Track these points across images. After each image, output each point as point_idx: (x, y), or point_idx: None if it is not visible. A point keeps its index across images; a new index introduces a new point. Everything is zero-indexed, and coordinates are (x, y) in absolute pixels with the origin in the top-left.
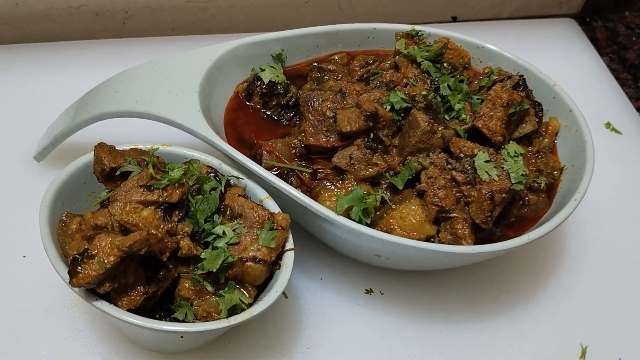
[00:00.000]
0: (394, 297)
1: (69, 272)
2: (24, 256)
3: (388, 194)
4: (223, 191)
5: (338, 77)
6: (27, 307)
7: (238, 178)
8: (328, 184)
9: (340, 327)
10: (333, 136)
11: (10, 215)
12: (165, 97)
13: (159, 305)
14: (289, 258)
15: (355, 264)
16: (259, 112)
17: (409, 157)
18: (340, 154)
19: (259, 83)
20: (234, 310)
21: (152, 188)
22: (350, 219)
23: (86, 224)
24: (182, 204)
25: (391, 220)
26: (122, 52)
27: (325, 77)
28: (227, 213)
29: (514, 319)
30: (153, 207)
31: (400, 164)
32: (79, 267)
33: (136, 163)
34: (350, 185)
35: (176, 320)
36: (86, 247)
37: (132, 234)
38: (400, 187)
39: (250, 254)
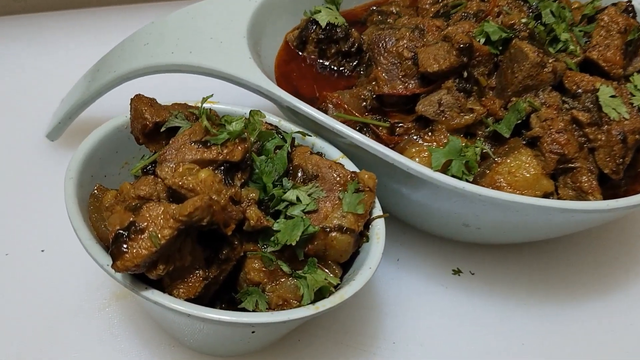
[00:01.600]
0: (487, 276)
1: (111, 253)
2: (42, 250)
3: (488, 145)
4: (290, 150)
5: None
6: (51, 310)
7: (304, 135)
8: (415, 138)
9: (429, 315)
10: (413, 81)
11: (24, 205)
12: (207, 45)
13: (218, 295)
14: (379, 227)
15: (436, 241)
16: (314, 64)
17: (513, 99)
18: (425, 101)
19: (314, 28)
20: (319, 295)
21: (208, 144)
22: (452, 176)
23: (125, 197)
24: (245, 165)
25: (497, 177)
26: (137, 16)
27: (389, 20)
28: (299, 175)
29: (630, 293)
30: (211, 168)
31: (502, 108)
32: (125, 246)
33: (184, 117)
34: (442, 136)
35: (243, 311)
36: (132, 219)
37: (191, 199)
38: (507, 135)
39: (335, 222)
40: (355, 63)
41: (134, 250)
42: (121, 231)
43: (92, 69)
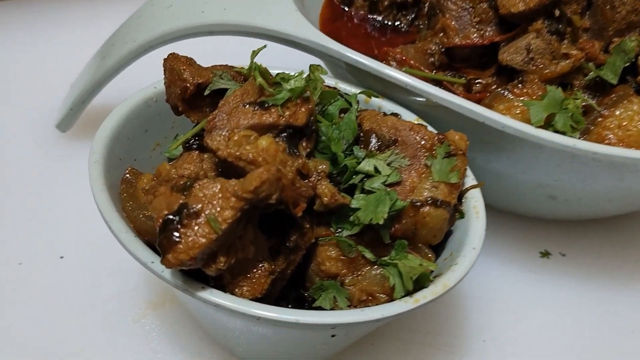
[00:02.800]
0: (580, 257)
1: (160, 244)
2: (61, 257)
3: (589, 96)
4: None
5: None
6: (75, 326)
7: (369, 96)
8: (502, 92)
9: (519, 306)
10: (490, 28)
11: (36, 208)
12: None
13: (283, 294)
14: (476, 199)
15: (515, 220)
16: (365, 20)
17: (615, 39)
18: (510, 49)
19: None
20: (412, 285)
21: (266, 105)
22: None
23: (164, 178)
24: (310, 131)
25: (605, 133)
26: None
27: None
28: (373, 142)
29: None
30: (272, 135)
31: (602, 52)
32: (177, 234)
33: (230, 78)
34: (536, 88)
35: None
36: (183, 201)
37: (256, 171)
38: (615, 81)
39: (425, 194)
40: (412, 16)
41: (190, 239)
42: (171, 216)
43: (105, 45)
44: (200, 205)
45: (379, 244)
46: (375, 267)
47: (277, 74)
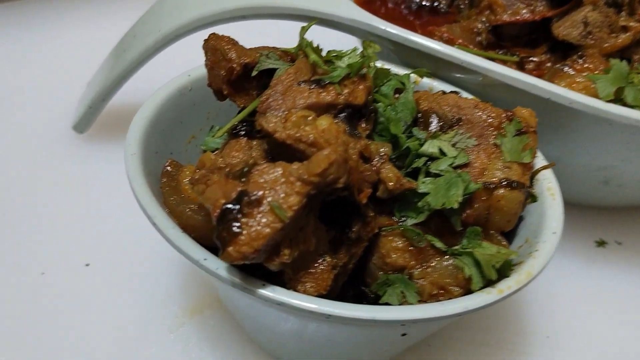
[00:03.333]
0: (635, 245)
1: (219, 237)
2: (87, 264)
3: None
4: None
5: None
6: (106, 337)
7: (421, 76)
8: (562, 68)
9: (579, 297)
10: (540, 3)
11: (57, 214)
12: None
13: (342, 290)
14: (549, 181)
15: (568, 210)
16: (399, 4)
17: None
18: (565, 23)
19: None
20: (485, 278)
21: (322, 83)
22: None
23: (211, 169)
24: (369, 111)
25: None
26: None
27: None
28: (433, 123)
29: None
30: (330, 115)
31: None
32: (237, 225)
33: (277, 57)
34: (598, 62)
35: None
36: (241, 189)
37: (321, 153)
38: None
39: (498, 175)
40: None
41: (252, 230)
42: (229, 205)
43: (124, 38)
44: (261, 192)
45: (446, 232)
46: (446, 257)
47: (328, 52)
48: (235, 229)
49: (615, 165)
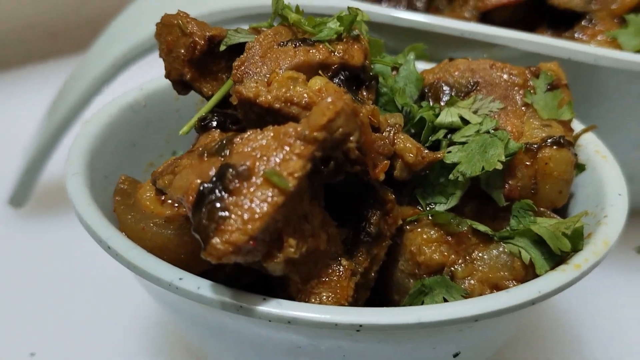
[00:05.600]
0: None
1: (198, 228)
2: (32, 354)
3: None
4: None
5: None
6: None
7: (420, 52)
8: (574, 35)
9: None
10: None
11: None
12: None
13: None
14: (595, 143)
15: None
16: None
17: None
18: None
19: None
20: (552, 258)
21: (309, 42)
22: None
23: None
24: (369, 77)
25: None
26: None
27: None
28: (444, 94)
29: None
30: (325, 77)
31: None
32: (221, 207)
33: (248, 32)
34: (610, 24)
35: None
36: (224, 162)
37: (324, 101)
38: None
39: (539, 134)
40: None
41: (245, 209)
42: (207, 185)
43: (56, 95)
44: (250, 162)
45: (487, 218)
46: (495, 244)
47: (308, 18)
48: (220, 212)
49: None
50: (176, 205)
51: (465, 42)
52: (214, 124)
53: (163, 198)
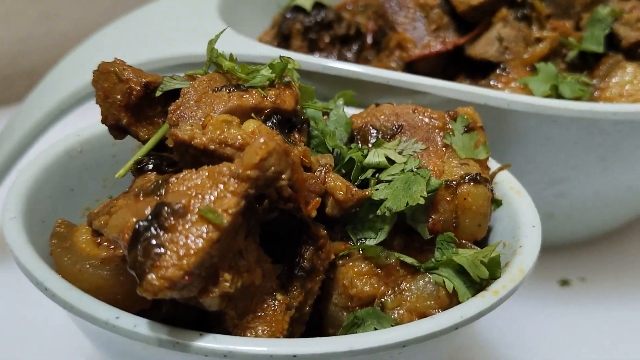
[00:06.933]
0: (599, 280)
1: (135, 264)
2: None
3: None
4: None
5: None
6: None
7: (348, 97)
8: (489, 82)
9: (551, 342)
10: (449, 33)
11: None
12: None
13: None
14: (509, 180)
15: None
16: None
17: (583, 15)
18: (482, 42)
19: (298, 17)
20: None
21: (243, 87)
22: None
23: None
24: (301, 121)
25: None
26: None
27: None
28: (372, 136)
29: None
30: (258, 120)
31: (575, 29)
32: (157, 243)
33: (183, 80)
34: (523, 72)
35: None
36: (159, 200)
37: (256, 142)
38: (601, 49)
39: (457, 172)
40: (357, 48)
41: (181, 245)
42: (143, 223)
43: (0, 133)
44: (185, 200)
45: (413, 252)
46: (421, 275)
47: (242, 64)
48: (156, 249)
49: (567, 176)
50: (112, 247)
51: (390, 89)
52: (150, 166)
53: (99, 240)
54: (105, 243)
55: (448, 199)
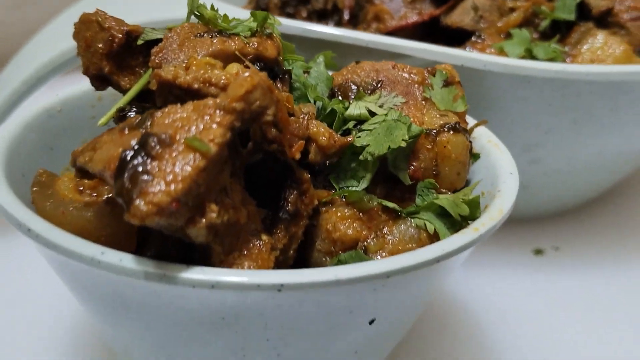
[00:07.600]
0: (573, 248)
1: (120, 192)
2: None
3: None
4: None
5: None
6: None
7: (329, 59)
8: (465, 49)
9: (523, 310)
10: (425, 4)
11: None
12: None
13: None
14: (487, 135)
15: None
16: None
17: None
18: (457, 11)
19: None
20: (453, 228)
21: (225, 34)
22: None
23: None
24: (283, 71)
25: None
26: None
27: None
28: (352, 92)
29: None
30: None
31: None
32: (145, 170)
33: (165, 31)
34: (497, 39)
35: None
36: (145, 132)
37: (241, 76)
38: (573, 17)
39: (437, 121)
40: (334, 22)
41: (168, 171)
42: (129, 152)
43: None
44: (171, 131)
45: (395, 199)
46: (402, 219)
47: (223, 15)
48: (143, 176)
49: (541, 141)
50: (94, 194)
51: (370, 52)
52: (133, 114)
53: (81, 188)
54: (88, 190)
55: (428, 147)
